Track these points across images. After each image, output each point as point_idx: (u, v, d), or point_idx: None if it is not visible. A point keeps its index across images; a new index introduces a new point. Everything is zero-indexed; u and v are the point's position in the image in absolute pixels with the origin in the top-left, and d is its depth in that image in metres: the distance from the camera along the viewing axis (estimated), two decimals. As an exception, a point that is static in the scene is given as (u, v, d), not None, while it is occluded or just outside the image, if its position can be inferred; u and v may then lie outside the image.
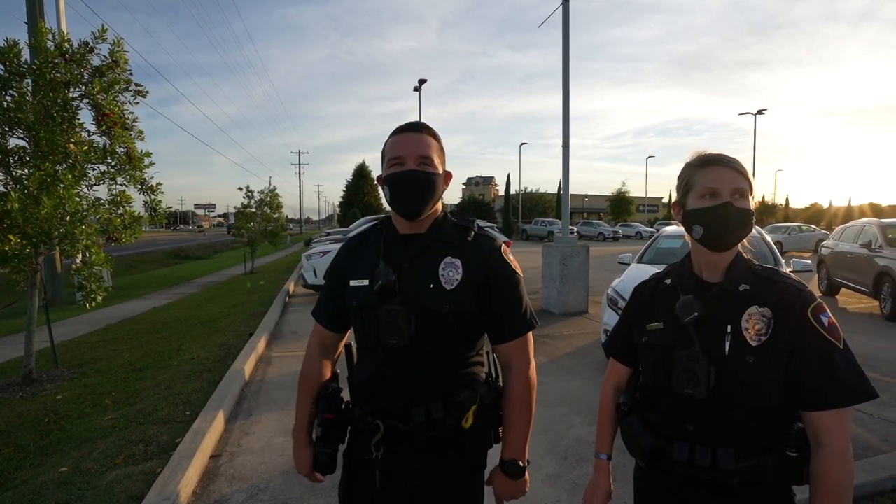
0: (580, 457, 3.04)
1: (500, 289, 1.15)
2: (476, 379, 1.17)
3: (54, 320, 5.75)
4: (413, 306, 1.10)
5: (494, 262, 1.16)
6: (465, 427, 1.10)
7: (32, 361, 4.60)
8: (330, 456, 1.21)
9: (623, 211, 47.85)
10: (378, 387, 1.15)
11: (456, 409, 1.10)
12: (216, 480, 2.82)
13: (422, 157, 1.13)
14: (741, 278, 1.04)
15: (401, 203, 1.14)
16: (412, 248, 1.16)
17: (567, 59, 7.88)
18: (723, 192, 1.01)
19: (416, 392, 1.12)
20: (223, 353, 5.24)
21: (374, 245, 1.21)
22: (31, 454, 3.08)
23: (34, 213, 4.03)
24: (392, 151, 1.15)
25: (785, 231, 21.25)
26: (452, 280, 1.12)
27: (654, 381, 1.10)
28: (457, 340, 1.15)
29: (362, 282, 1.16)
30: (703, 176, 1.04)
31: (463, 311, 1.12)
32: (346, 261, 1.25)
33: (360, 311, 1.16)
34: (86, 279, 4.68)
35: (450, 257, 1.14)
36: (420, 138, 1.15)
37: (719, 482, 1.00)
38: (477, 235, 1.19)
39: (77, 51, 4.42)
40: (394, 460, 1.14)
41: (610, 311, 4.96)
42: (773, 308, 0.99)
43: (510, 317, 1.16)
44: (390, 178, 1.14)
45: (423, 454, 1.14)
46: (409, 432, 1.11)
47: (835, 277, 8.89)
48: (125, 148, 4.64)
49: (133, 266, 19.18)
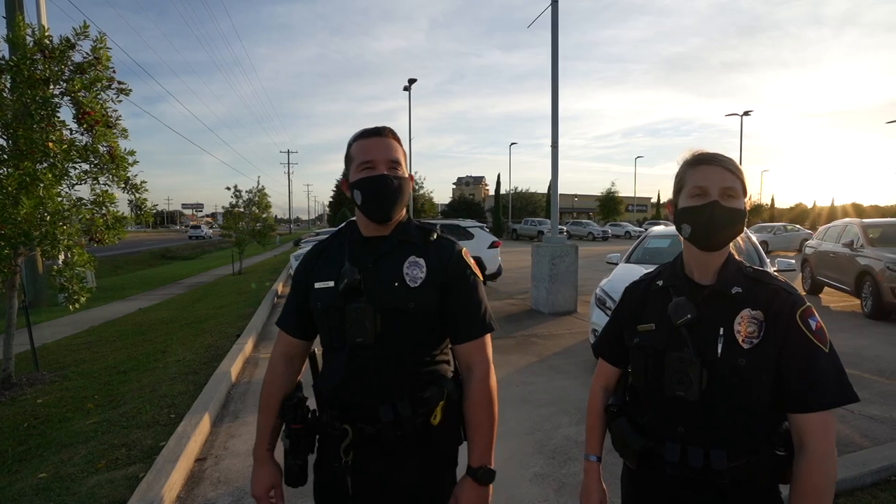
0: (568, 456, 3.05)
1: (459, 290, 1.16)
2: (443, 375, 1.18)
3: (37, 322, 5.63)
4: (379, 305, 1.11)
5: (454, 264, 1.17)
6: (433, 424, 1.10)
7: (11, 365, 4.50)
8: (301, 467, 1.20)
9: (612, 211, 48.24)
10: (345, 388, 1.14)
11: (423, 406, 1.10)
12: (201, 484, 2.78)
13: (392, 162, 1.14)
14: (734, 280, 1.04)
15: (373, 208, 1.14)
16: (377, 249, 1.17)
17: (556, 59, 7.92)
18: (711, 191, 1.01)
19: (383, 391, 1.12)
20: (210, 354, 5.17)
21: (338, 248, 1.21)
22: (9, 460, 3.00)
23: (13, 213, 3.94)
24: (361, 156, 1.14)
25: (770, 231, 21.61)
26: (417, 278, 1.13)
27: (644, 382, 1.10)
28: (422, 338, 1.15)
29: (328, 283, 1.16)
30: (693, 175, 1.04)
31: (427, 309, 1.13)
32: (310, 267, 1.24)
33: (325, 311, 1.16)
34: (68, 280, 4.58)
35: (413, 256, 1.16)
36: (388, 143, 1.16)
37: (711, 482, 1.00)
38: (439, 237, 1.21)
39: (57, 47, 4.32)
40: (364, 464, 1.13)
41: (598, 310, 5.00)
42: (765, 311, 1.00)
43: (469, 318, 1.16)
44: (362, 183, 1.13)
45: (393, 455, 1.12)
46: (378, 433, 1.10)
47: (818, 276, 9.05)
48: (108, 146, 4.55)
49: (119, 267, 18.86)
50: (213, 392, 3.93)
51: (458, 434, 1.17)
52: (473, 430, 1.13)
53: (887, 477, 2.71)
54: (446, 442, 1.16)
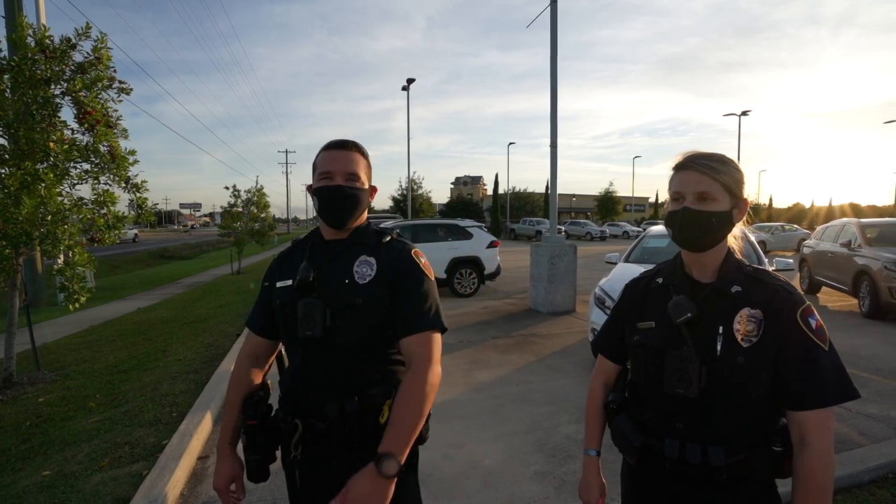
0: (568, 454, 3.07)
1: (406, 286, 1.19)
2: (394, 374, 1.19)
3: (37, 322, 5.63)
4: (329, 300, 1.17)
5: (404, 262, 1.22)
6: (381, 423, 1.12)
7: (13, 364, 4.50)
8: (259, 462, 1.22)
9: (610, 210, 48.30)
10: (298, 383, 1.20)
11: (370, 403, 1.13)
12: (204, 482, 2.79)
13: (349, 174, 1.21)
14: (734, 279, 1.05)
15: (328, 214, 1.23)
16: (333, 250, 1.25)
17: (555, 59, 7.94)
18: (686, 195, 1.03)
19: (331, 387, 1.16)
20: (210, 353, 5.18)
21: (301, 251, 1.30)
22: (12, 458, 3.01)
23: (14, 213, 3.95)
24: (322, 166, 1.22)
25: (769, 231, 21.67)
26: (366, 276, 1.19)
27: (644, 379, 1.12)
28: (372, 335, 1.18)
29: (286, 282, 1.24)
30: (674, 180, 1.07)
31: (376, 305, 1.17)
32: (276, 268, 1.32)
33: (282, 307, 1.23)
34: (68, 280, 4.59)
35: (364, 256, 1.22)
36: (349, 156, 1.23)
37: (709, 478, 1.02)
38: (393, 240, 1.27)
39: (58, 47, 4.33)
40: (313, 459, 1.18)
41: (597, 309, 5.02)
42: (764, 309, 1.01)
43: (412, 312, 1.16)
44: (320, 192, 1.22)
45: (342, 453, 1.15)
46: (327, 429, 1.13)
47: (816, 276, 9.08)
48: (108, 146, 4.56)
49: (117, 266, 18.82)
50: (214, 391, 3.95)
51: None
52: (393, 418, 1.04)
53: (885, 474, 2.74)
54: None
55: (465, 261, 9.33)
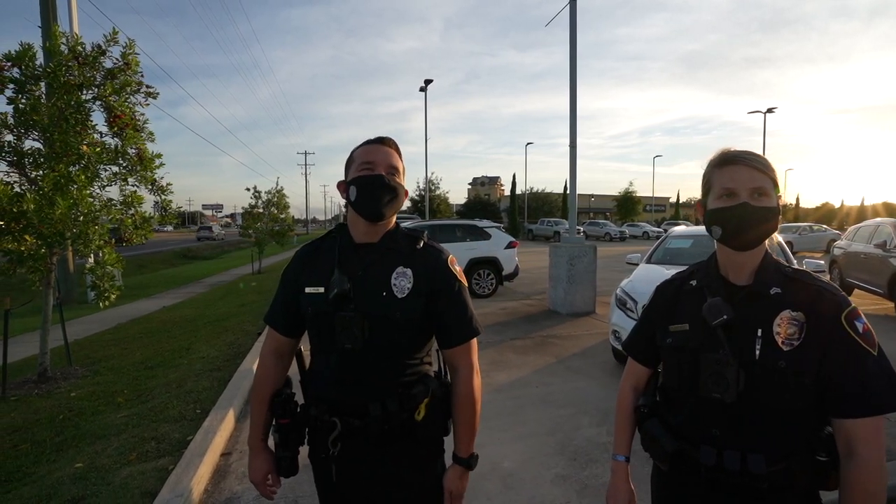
0: (590, 458, 3.03)
1: (447, 298, 1.21)
2: (427, 375, 1.25)
3: (69, 319, 5.83)
4: (367, 313, 1.16)
5: (441, 273, 1.23)
6: (417, 419, 1.18)
7: (47, 359, 4.67)
8: (290, 459, 1.27)
9: (630, 211, 47.51)
10: (335, 388, 1.20)
11: (409, 402, 1.18)
12: (227, 478, 2.85)
13: (391, 167, 1.21)
14: (772, 281, 1.01)
15: (366, 204, 1.18)
16: (365, 257, 1.22)
17: (574, 58, 7.85)
18: (740, 191, 0.99)
19: (371, 391, 1.18)
20: (232, 351, 5.29)
21: (328, 253, 1.26)
22: (48, 450, 3.12)
23: (49, 213, 4.10)
24: (363, 157, 1.21)
25: (795, 231, 21.00)
26: (404, 289, 1.19)
27: (677, 383, 1.08)
28: (408, 344, 1.21)
29: (318, 289, 1.21)
30: (721, 176, 1.02)
31: (413, 318, 1.19)
32: (300, 268, 1.28)
33: (315, 317, 1.21)
34: (98, 279, 4.74)
35: (401, 267, 1.21)
36: (391, 152, 1.23)
37: (747, 486, 0.98)
38: (426, 245, 1.26)
39: (90, 53, 4.48)
40: (350, 455, 1.20)
41: (618, 311, 4.94)
42: (806, 312, 0.97)
43: (455, 325, 1.22)
44: (359, 180, 1.19)
45: (377, 447, 1.19)
46: (365, 427, 1.17)
47: (847, 278, 8.77)
48: (136, 149, 4.70)
49: (143, 266, 19.36)
50: (236, 388, 4.02)
51: (440, 428, 1.26)
52: (460, 424, 1.24)
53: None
54: (429, 435, 1.23)
55: (484, 261, 9.31)
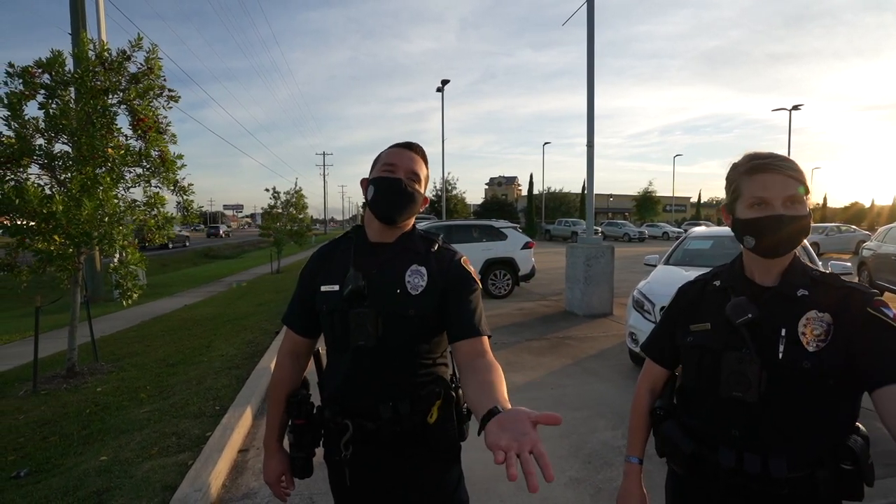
0: (605, 461, 2.99)
1: (459, 293, 1.20)
2: (441, 377, 1.23)
3: (95, 316, 6.03)
4: (381, 310, 1.16)
5: (455, 271, 1.23)
6: (429, 422, 1.15)
7: (75, 355, 4.84)
8: (304, 460, 1.27)
9: (649, 211, 46.71)
10: (347, 387, 1.20)
11: (421, 404, 1.16)
12: (244, 474, 2.91)
13: (412, 173, 1.21)
14: (799, 283, 0.99)
15: (381, 206, 1.20)
16: (381, 255, 1.22)
17: (591, 56, 7.77)
18: (773, 201, 0.95)
19: (383, 390, 1.17)
20: (251, 350, 5.39)
21: (344, 252, 1.26)
22: (75, 443, 3.24)
23: (76, 214, 4.24)
24: (387, 158, 1.23)
25: (822, 232, 20.35)
26: (418, 286, 1.18)
27: (697, 383, 1.06)
28: (421, 342, 1.20)
29: (333, 287, 1.21)
30: (751, 184, 0.98)
31: (426, 315, 1.18)
32: (317, 268, 1.29)
33: (329, 314, 1.21)
34: (123, 277, 4.89)
35: (416, 265, 1.21)
36: (415, 158, 1.24)
37: (767, 491, 0.95)
38: (440, 247, 1.26)
39: (115, 59, 4.62)
40: (362, 458, 1.19)
41: (635, 313, 4.86)
42: (834, 313, 0.95)
43: (466, 318, 1.18)
44: (378, 181, 1.20)
45: (390, 450, 1.18)
46: (377, 430, 1.16)
47: (878, 280, 8.47)
48: (159, 151, 4.84)
49: (165, 265, 19.88)
50: (254, 386, 4.10)
51: (454, 432, 1.18)
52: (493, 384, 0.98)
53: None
54: (442, 439, 1.18)
55: (500, 262, 9.28)
